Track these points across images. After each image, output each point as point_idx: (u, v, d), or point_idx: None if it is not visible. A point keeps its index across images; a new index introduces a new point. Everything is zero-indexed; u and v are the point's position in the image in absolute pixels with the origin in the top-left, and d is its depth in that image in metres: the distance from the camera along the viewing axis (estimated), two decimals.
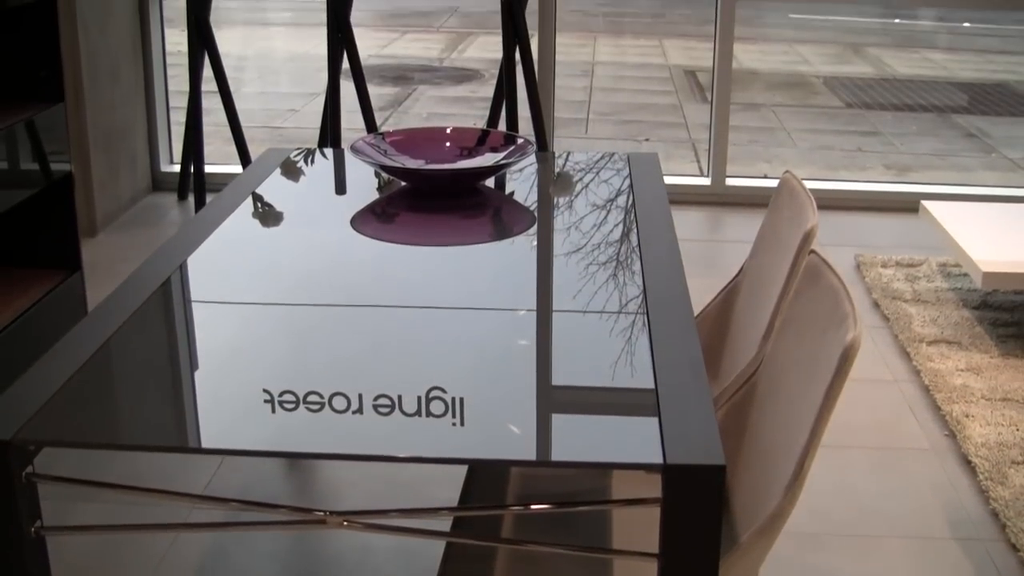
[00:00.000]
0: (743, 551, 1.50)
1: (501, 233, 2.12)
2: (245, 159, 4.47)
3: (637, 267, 1.94)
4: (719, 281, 2.48)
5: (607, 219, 2.19)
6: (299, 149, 2.66)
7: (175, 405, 1.47)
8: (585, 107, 7.47)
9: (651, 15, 12.11)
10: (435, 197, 2.29)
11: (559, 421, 1.44)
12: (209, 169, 4.54)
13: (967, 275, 3.91)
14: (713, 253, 4.21)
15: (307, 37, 9.99)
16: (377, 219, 2.18)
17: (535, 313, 1.75)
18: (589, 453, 1.38)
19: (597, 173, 2.51)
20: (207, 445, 1.39)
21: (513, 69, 4.34)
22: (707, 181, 4.76)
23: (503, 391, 1.50)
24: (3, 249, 3.20)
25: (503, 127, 4.41)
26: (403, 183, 2.36)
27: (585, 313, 1.75)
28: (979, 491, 2.67)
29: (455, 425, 1.42)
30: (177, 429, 1.42)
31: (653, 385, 1.52)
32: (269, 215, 2.21)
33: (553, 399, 1.49)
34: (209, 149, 4.83)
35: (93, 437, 1.39)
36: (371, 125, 4.33)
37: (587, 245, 2.05)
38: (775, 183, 2.41)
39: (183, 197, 4.68)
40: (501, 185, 2.41)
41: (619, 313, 1.75)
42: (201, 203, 4.40)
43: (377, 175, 2.45)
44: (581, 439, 1.41)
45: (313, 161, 2.58)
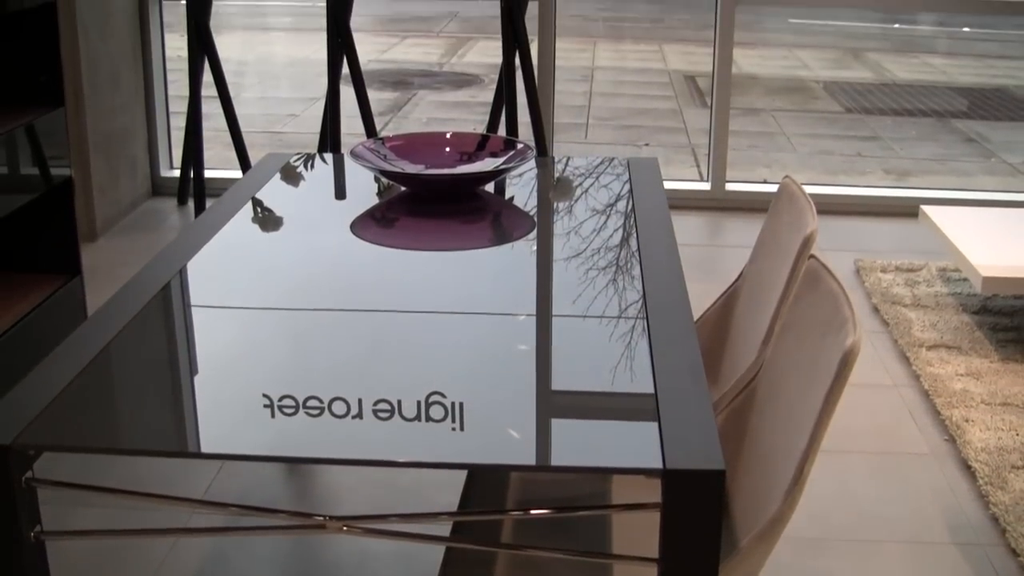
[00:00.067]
0: (743, 556, 1.50)
1: (501, 238, 2.12)
2: (245, 164, 4.48)
3: (637, 272, 1.94)
4: (719, 286, 2.48)
5: (607, 224, 2.19)
6: (299, 154, 2.66)
7: (175, 410, 1.47)
8: (585, 112, 7.48)
9: (650, 20, 12.13)
10: (435, 202, 2.29)
11: (559, 426, 1.44)
12: (209, 174, 4.54)
13: (967, 280, 3.91)
14: (713, 258, 4.21)
15: (307, 42, 10.00)
16: (377, 224, 2.18)
17: (535, 318, 1.76)
18: (589, 458, 1.38)
19: (597, 178, 2.51)
20: (207, 450, 1.39)
21: (513, 74, 4.34)
22: (707, 186, 4.76)
23: (503, 396, 1.50)
24: (3, 253, 3.20)
25: (503, 132, 4.41)
26: (403, 188, 2.36)
27: (585, 318, 1.75)
28: (979, 496, 2.67)
29: (455, 430, 1.42)
30: (177, 434, 1.42)
31: (653, 390, 1.52)
32: (269, 220, 2.21)
33: (553, 404, 1.49)
34: (209, 154, 4.83)
35: (93, 442, 1.39)
36: (371, 130, 4.33)
37: (587, 250, 2.05)
38: (775, 188, 2.41)
39: (183, 202, 4.68)
40: (501, 190, 2.41)
41: (619, 318, 1.75)
42: (201, 208, 4.40)
43: (377, 180, 2.46)
44: (581, 444, 1.41)
45: (313, 166, 2.58)
